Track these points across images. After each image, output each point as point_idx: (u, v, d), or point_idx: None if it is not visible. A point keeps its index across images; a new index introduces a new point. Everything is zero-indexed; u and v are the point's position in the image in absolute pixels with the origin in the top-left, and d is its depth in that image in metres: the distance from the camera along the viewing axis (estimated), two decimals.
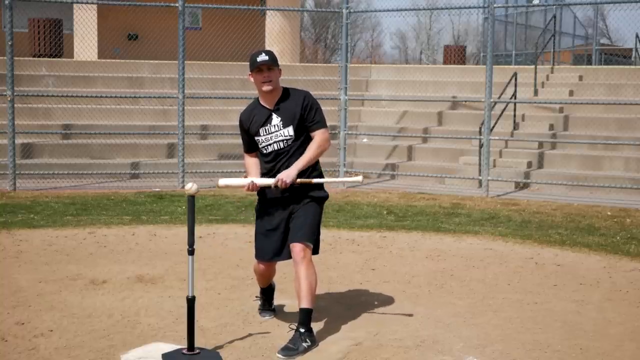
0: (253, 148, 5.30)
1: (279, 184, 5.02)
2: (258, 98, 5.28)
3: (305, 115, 5.15)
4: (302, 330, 5.00)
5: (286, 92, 5.23)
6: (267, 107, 5.20)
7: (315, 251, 5.31)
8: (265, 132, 5.17)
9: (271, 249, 5.28)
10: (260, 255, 5.35)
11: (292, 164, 5.11)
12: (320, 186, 5.26)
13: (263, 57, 5.09)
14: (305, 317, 5.04)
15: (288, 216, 5.23)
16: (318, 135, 5.18)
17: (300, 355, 4.89)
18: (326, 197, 5.33)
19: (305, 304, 5.05)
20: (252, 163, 5.30)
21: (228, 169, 13.31)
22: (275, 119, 5.16)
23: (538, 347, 5.08)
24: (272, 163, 5.20)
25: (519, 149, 13.77)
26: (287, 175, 5.02)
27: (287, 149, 5.16)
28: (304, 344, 4.94)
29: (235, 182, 5.29)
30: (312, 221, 5.18)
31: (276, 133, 5.16)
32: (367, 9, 40.44)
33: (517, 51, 24.16)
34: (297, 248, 5.11)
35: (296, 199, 5.19)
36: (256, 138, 5.22)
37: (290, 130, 5.14)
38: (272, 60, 5.10)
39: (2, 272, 6.80)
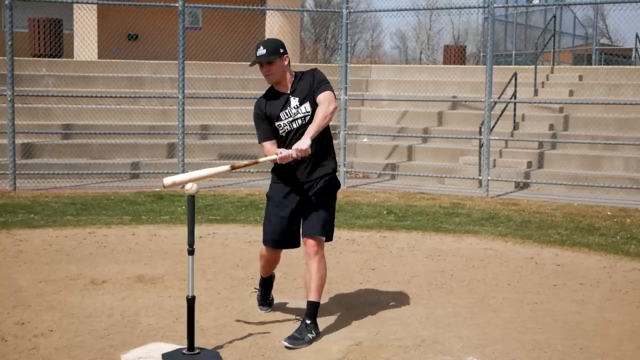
0: (269, 136, 5.24)
1: (295, 154, 4.88)
2: (272, 85, 5.28)
3: (314, 87, 5.12)
4: (308, 321, 5.10)
5: (299, 75, 5.23)
6: (284, 91, 5.21)
7: (330, 238, 5.33)
8: (286, 115, 5.17)
9: (280, 235, 5.31)
10: (268, 241, 5.37)
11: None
12: (331, 175, 5.27)
13: (260, 52, 5.08)
14: (312, 309, 5.15)
15: (299, 205, 5.25)
16: (322, 97, 5.06)
17: (306, 345, 4.96)
18: (338, 186, 5.35)
19: (313, 297, 5.15)
20: (271, 148, 5.19)
21: None
22: (294, 101, 5.17)
23: (538, 347, 5.08)
24: (289, 142, 5.15)
25: (519, 149, 13.77)
26: (302, 143, 4.90)
27: (305, 125, 5.12)
28: (310, 335, 5.03)
29: (210, 171, 5.02)
30: (325, 214, 5.20)
31: (296, 112, 5.16)
32: (367, 9, 40.45)
33: (517, 51, 24.16)
34: (310, 242, 5.15)
35: (308, 188, 5.22)
36: (277, 123, 5.19)
37: (307, 107, 5.14)
38: (270, 53, 5.07)
39: (2, 272, 6.80)
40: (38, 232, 8.62)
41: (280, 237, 5.32)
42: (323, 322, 5.45)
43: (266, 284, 5.75)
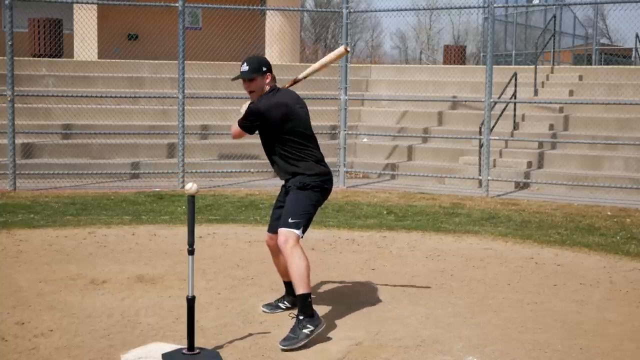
0: None
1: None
2: None
3: None
4: (300, 317, 5.08)
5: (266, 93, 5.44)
6: None
7: (302, 232, 5.37)
8: None
9: (271, 221, 5.61)
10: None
11: (276, 162, 5.44)
12: (303, 176, 5.35)
13: (243, 68, 5.39)
14: (300, 304, 5.14)
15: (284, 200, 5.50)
16: None
17: (303, 342, 4.95)
18: (304, 184, 5.33)
19: (298, 291, 5.16)
20: None
21: (228, 169, 13.32)
22: None
23: (538, 347, 5.09)
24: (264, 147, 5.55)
25: (519, 149, 13.78)
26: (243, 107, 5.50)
27: (264, 146, 5.49)
28: (305, 331, 5.01)
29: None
30: (291, 206, 5.31)
31: None
32: (367, 9, 40.46)
33: (517, 51, 24.17)
34: (279, 236, 5.28)
35: (288, 185, 5.44)
36: None
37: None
38: (252, 71, 5.36)
39: (2, 272, 6.80)
40: (38, 232, 8.62)
41: (273, 224, 5.56)
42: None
43: (286, 287, 5.79)
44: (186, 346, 4.75)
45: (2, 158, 12.33)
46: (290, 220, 5.24)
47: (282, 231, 5.24)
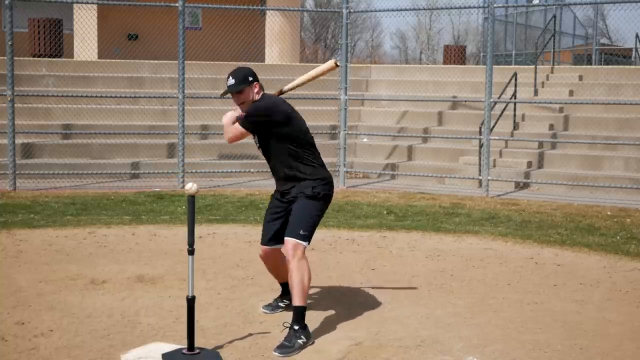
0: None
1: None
2: None
3: None
4: (295, 327, 5.06)
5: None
6: None
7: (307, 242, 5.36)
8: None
9: (269, 234, 5.50)
10: (261, 239, 5.59)
11: (278, 169, 5.39)
12: (312, 183, 5.32)
13: (230, 82, 5.32)
14: (296, 314, 5.12)
15: (287, 208, 5.40)
16: None
17: (297, 352, 4.92)
18: (318, 193, 5.32)
19: (296, 302, 5.14)
20: None
21: (228, 169, 13.32)
22: None
23: (538, 347, 5.09)
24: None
25: (519, 149, 13.78)
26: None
27: (264, 152, 5.45)
28: (300, 341, 4.99)
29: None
30: (302, 217, 5.27)
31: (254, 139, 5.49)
32: (367, 9, 40.45)
33: (517, 51, 24.17)
34: (288, 245, 5.24)
35: (292, 193, 5.35)
36: None
37: (256, 137, 5.42)
38: (239, 83, 5.30)
39: (2, 272, 6.80)
40: (38, 232, 8.62)
41: (269, 236, 5.50)
42: (323, 322, 5.46)
43: (283, 288, 5.80)
44: (186, 346, 4.75)
45: (2, 158, 12.33)
46: (301, 232, 5.22)
47: (291, 241, 5.20)
